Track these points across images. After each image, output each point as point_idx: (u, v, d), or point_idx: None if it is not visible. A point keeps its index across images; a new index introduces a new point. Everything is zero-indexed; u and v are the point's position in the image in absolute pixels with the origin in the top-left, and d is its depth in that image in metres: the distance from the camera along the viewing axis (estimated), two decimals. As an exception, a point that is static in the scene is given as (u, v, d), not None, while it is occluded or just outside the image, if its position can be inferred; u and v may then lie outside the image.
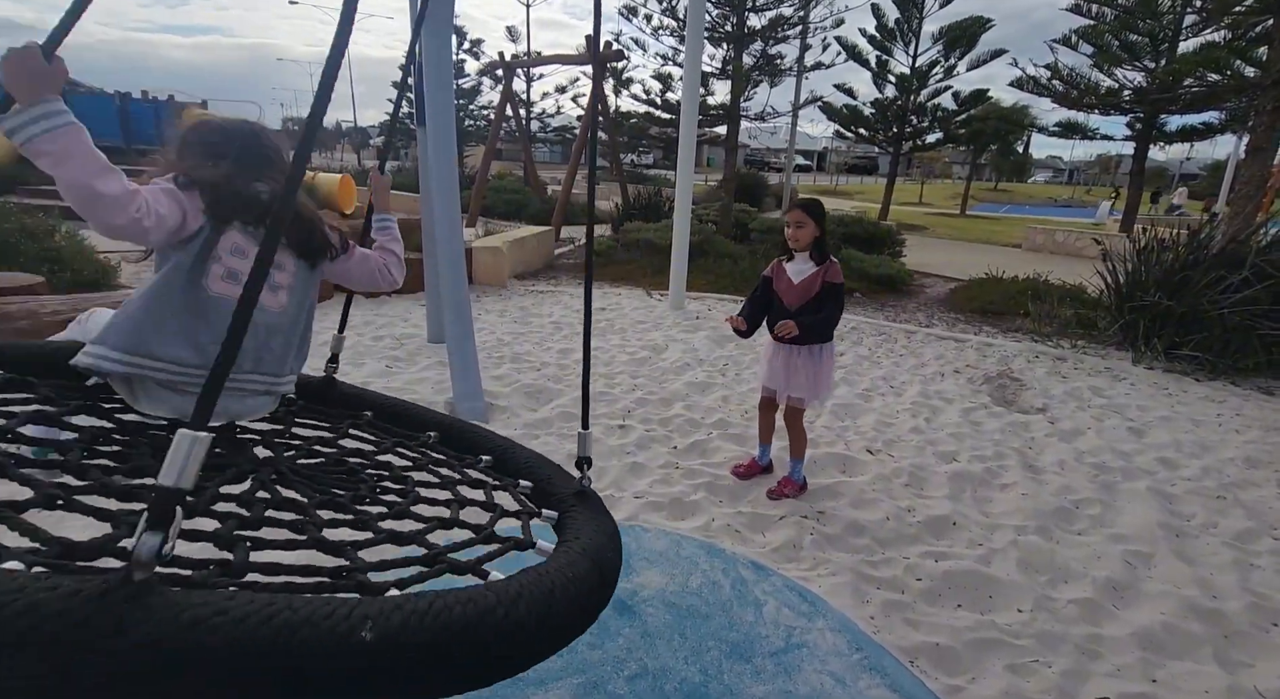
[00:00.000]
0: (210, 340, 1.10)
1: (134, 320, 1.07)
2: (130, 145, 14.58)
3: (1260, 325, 4.96)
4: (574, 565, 0.87)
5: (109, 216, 0.97)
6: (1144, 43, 13.43)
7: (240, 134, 1.23)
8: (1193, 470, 3.26)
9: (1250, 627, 2.09)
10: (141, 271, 6.84)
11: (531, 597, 0.76)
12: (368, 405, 1.49)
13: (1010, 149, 26.45)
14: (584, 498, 1.17)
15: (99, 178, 0.95)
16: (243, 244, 1.14)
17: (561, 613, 0.78)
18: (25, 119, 0.91)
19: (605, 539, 1.01)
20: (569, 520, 1.09)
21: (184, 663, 0.53)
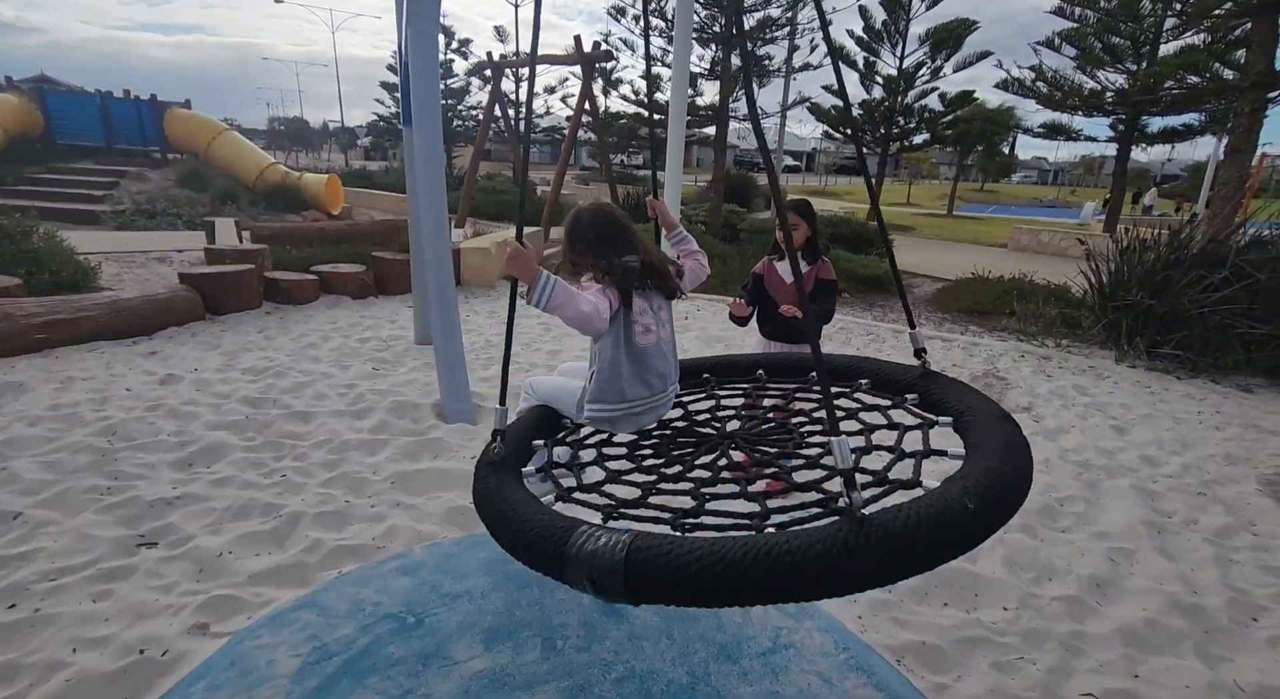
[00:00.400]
0: (653, 376, 1.61)
1: (610, 381, 1.59)
2: (112, 145, 14.34)
3: (1239, 324, 5.04)
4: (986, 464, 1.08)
5: (593, 328, 1.50)
6: (1126, 45, 13.63)
7: (607, 225, 1.65)
8: (1174, 467, 3.30)
9: (1230, 622, 2.12)
10: (121, 273, 6.73)
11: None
12: (702, 369, 1.93)
13: (996, 150, 26.72)
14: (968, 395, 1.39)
15: (582, 306, 1.46)
16: (642, 305, 1.62)
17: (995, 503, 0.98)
18: (536, 293, 1.41)
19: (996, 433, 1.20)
20: (965, 424, 1.30)
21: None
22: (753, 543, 0.92)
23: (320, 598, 1.66)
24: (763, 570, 0.88)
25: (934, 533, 0.90)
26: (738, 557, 0.90)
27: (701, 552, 0.92)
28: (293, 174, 13.98)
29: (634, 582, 0.94)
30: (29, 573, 2.02)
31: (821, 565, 0.88)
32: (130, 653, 1.73)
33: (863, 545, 0.88)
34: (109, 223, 10.79)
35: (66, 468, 2.66)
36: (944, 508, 0.92)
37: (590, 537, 1.00)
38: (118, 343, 4.38)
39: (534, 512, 1.16)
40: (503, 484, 1.31)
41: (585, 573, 0.98)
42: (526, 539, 1.11)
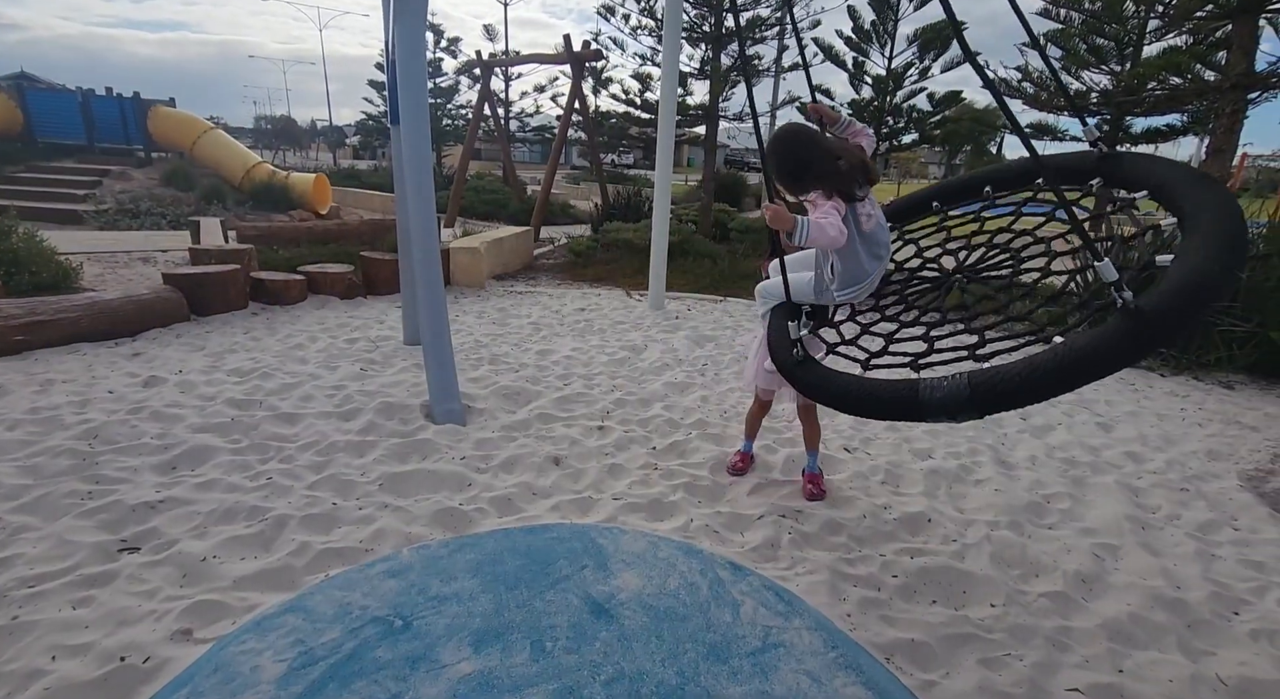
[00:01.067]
0: (881, 248, 2.05)
1: (854, 266, 2.00)
2: (95, 144, 14.13)
3: (1221, 322, 5.12)
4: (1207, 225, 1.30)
5: (840, 243, 1.90)
6: (1110, 47, 13.79)
7: (805, 145, 1.96)
8: (1158, 464, 3.34)
9: (1212, 616, 2.14)
10: (104, 273, 6.63)
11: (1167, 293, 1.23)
12: (986, 181, 2.12)
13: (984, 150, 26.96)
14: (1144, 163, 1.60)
15: (829, 232, 1.85)
16: (861, 202, 2.01)
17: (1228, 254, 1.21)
18: (799, 235, 1.84)
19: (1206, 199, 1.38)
20: (1186, 225, 1.41)
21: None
22: (1060, 353, 1.20)
23: (306, 602, 1.64)
24: (1074, 370, 1.17)
25: (1190, 301, 1.14)
26: (1052, 367, 1.19)
27: (1022, 370, 1.21)
28: (280, 173, 13.85)
29: (982, 406, 1.28)
30: (7, 579, 1.99)
31: (1114, 356, 1.17)
32: (111, 660, 1.70)
33: (1143, 331, 1.15)
34: (91, 222, 10.64)
35: (46, 472, 2.61)
36: (1188, 280, 1.17)
37: (934, 387, 1.33)
38: (99, 344, 4.32)
39: (871, 383, 1.47)
40: (824, 372, 1.65)
41: (944, 409, 1.32)
42: (878, 401, 1.43)
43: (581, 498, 2.72)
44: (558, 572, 1.79)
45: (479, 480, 2.82)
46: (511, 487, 2.77)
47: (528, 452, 3.09)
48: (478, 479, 2.83)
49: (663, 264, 6.53)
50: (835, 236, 1.84)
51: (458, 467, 2.90)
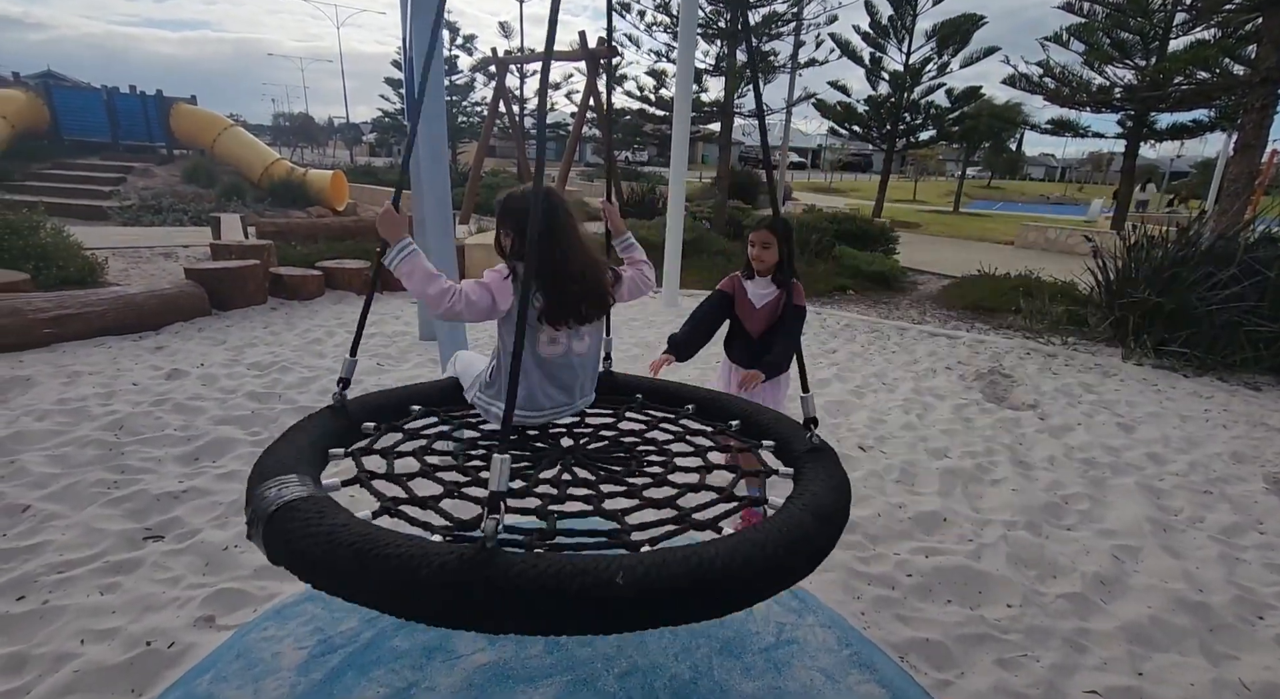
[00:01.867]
0: (553, 388, 1.55)
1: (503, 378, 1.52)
2: (118, 141, 14.39)
3: (1247, 322, 5.01)
4: (792, 519, 1.05)
5: (437, 312, 1.42)
6: (1135, 41, 13.50)
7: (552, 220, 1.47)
8: (1180, 466, 3.28)
9: (1235, 620, 2.11)
10: (128, 268, 6.77)
11: (749, 547, 0.95)
12: (638, 389, 1.82)
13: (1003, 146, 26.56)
14: (817, 453, 1.34)
15: (429, 287, 1.40)
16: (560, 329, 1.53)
17: (777, 558, 0.96)
18: (392, 254, 1.41)
19: (830, 493, 1.18)
20: (802, 475, 1.27)
21: (509, 596, 0.84)
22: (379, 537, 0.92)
23: (325, 591, 1.67)
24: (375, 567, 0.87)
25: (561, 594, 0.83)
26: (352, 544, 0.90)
27: (325, 530, 0.94)
28: (298, 170, 14.02)
29: (268, 541, 0.98)
30: (37, 565, 2.04)
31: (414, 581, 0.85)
32: (137, 645, 1.74)
33: (472, 576, 0.84)
34: (115, 218, 10.85)
35: (74, 461, 2.68)
36: (587, 570, 0.85)
37: (276, 486, 1.05)
38: (124, 338, 4.41)
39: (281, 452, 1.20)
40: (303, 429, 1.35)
41: (248, 515, 1.03)
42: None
43: (595, 493, 2.73)
44: (572, 565, 1.79)
45: (493, 475, 2.84)
46: (525, 481, 2.79)
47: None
48: (492, 473, 2.85)
49: (677, 261, 6.52)
50: (431, 294, 1.38)
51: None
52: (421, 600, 0.87)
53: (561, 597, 0.83)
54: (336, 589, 0.92)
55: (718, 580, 0.89)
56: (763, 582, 0.97)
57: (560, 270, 1.44)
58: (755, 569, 0.94)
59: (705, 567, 0.89)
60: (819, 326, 5.94)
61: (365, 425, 1.47)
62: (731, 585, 0.91)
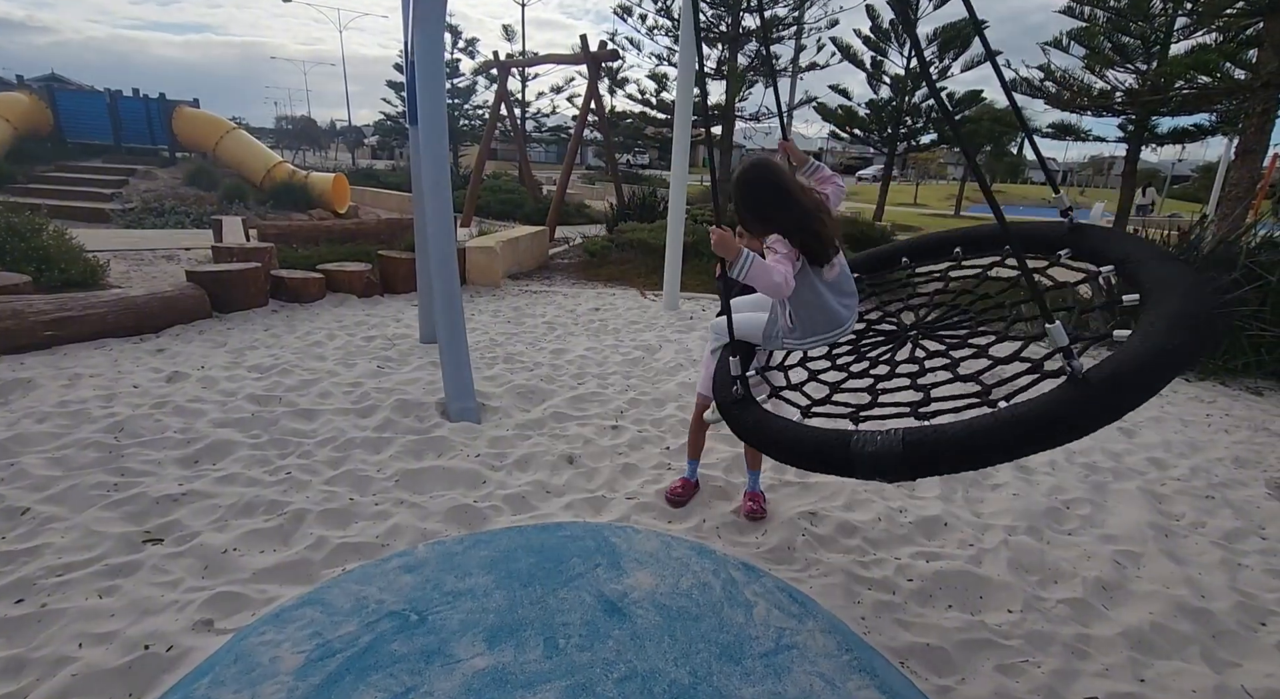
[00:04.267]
0: (847, 298, 1.91)
1: (818, 313, 1.88)
2: (121, 144, 14.44)
3: (1249, 326, 5.00)
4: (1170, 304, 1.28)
5: (782, 294, 1.74)
6: (1136, 45, 13.52)
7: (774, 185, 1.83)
8: (1182, 470, 3.27)
9: (1238, 626, 2.10)
10: (129, 270, 6.78)
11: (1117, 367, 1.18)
12: (956, 243, 2.04)
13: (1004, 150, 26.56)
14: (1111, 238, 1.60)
15: (774, 277, 1.68)
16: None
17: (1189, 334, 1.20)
18: (740, 265, 1.67)
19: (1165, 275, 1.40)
20: (1147, 301, 1.42)
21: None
22: (1003, 417, 1.14)
23: (324, 595, 1.67)
24: (1016, 436, 1.10)
25: (1140, 375, 1.12)
26: (993, 430, 1.13)
27: (959, 433, 1.15)
28: (300, 173, 14.06)
29: (914, 466, 1.20)
30: (36, 568, 2.04)
31: (1059, 424, 1.10)
32: (135, 648, 1.74)
33: (1090, 401, 1.10)
34: (117, 221, 10.87)
35: (74, 464, 2.68)
36: (1141, 354, 1.14)
37: (868, 440, 1.26)
38: (125, 340, 4.42)
39: (805, 431, 1.41)
40: (760, 416, 1.57)
41: (875, 466, 1.24)
42: (809, 451, 1.37)
43: (595, 497, 2.73)
44: (571, 569, 1.80)
45: (493, 478, 2.84)
46: (525, 485, 2.79)
47: (542, 450, 3.10)
48: (492, 476, 2.85)
49: (677, 264, 6.52)
50: (778, 283, 1.68)
51: (472, 464, 2.92)
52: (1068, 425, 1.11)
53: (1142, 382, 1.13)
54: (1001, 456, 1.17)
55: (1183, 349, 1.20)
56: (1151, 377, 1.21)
57: (812, 220, 1.78)
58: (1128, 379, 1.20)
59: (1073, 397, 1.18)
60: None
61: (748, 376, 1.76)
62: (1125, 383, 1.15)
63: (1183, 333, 1.17)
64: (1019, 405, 1.17)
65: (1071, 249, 1.65)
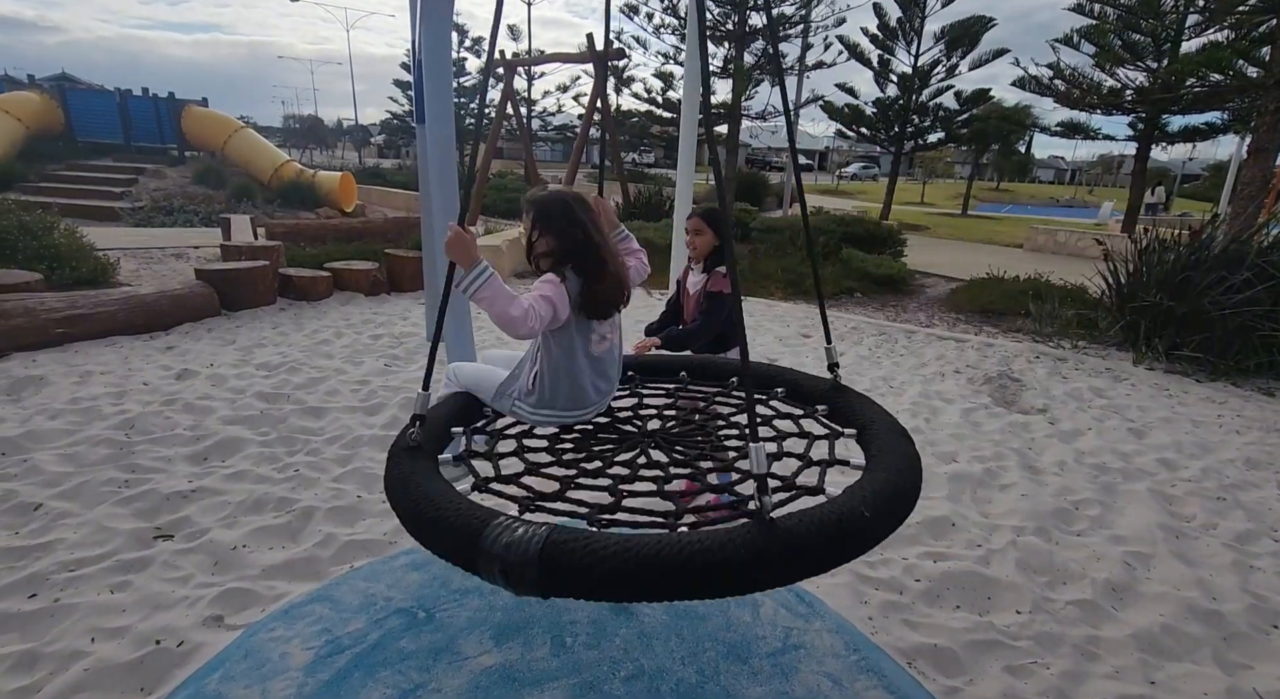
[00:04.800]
0: (603, 381, 1.61)
1: (563, 385, 1.55)
2: (131, 143, 14.55)
3: (1261, 326, 4.95)
4: (883, 475, 1.15)
5: (518, 333, 1.40)
6: (1146, 43, 13.40)
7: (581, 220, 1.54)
8: (1193, 471, 3.25)
9: (1250, 628, 2.08)
10: (139, 269, 6.83)
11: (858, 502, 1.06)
12: (682, 367, 1.87)
13: (1012, 149, 26.40)
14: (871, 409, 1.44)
15: (512, 310, 1.38)
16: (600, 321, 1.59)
17: (887, 512, 1.07)
18: (469, 280, 1.36)
19: (902, 444, 1.27)
20: (868, 437, 1.35)
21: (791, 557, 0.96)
22: (666, 541, 0.95)
23: (332, 592, 1.68)
24: (674, 568, 0.92)
25: (834, 538, 0.98)
26: (651, 553, 0.93)
27: (616, 547, 0.94)
28: (307, 172, 14.12)
29: (547, 575, 0.95)
30: (49, 563, 2.06)
31: (729, 565, 0.91)
32: (147, 643, 1.75)
33: (769, 547, 0.93)
34: (127, 219, 10.95)
35: (85, 460, 2.70)
36: (843, 515, 1.00)
37: (506, 529, 1.00)
38: (135, 338, 4.45)
39: (450, 501, 1.11)
40: (418, 472, 1.25)
41: (498, 565, 0.97)
42: (440, 529, 1.08)
43: (601, 495, 2.73)
44: (579, 568, 1.78)
45: (500, 476, 2.84)
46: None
47: (548, 448, 3.11)
48: (499, 475, 2.85)
49: (684, 262, 6.51)
50: (514, 316, 1.36)
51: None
52: (738, 577, 0.94)
53: (834, 538, 0.97)
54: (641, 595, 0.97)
55: (906, 493, 1.11)
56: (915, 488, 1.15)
57: (604, 268, 1.51)
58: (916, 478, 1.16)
59: (898, 487, 1.11)
60: (826, 329, 5.92)
61: (440, 457, 1.40)
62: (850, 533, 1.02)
63: (886, 506, 1.05)
64: (693, 534, 0.98)
65: (828, 407, 1.52)
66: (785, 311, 6.55)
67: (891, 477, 1.13)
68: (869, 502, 1.04)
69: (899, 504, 1.10)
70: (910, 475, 1.17)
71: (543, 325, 1.43)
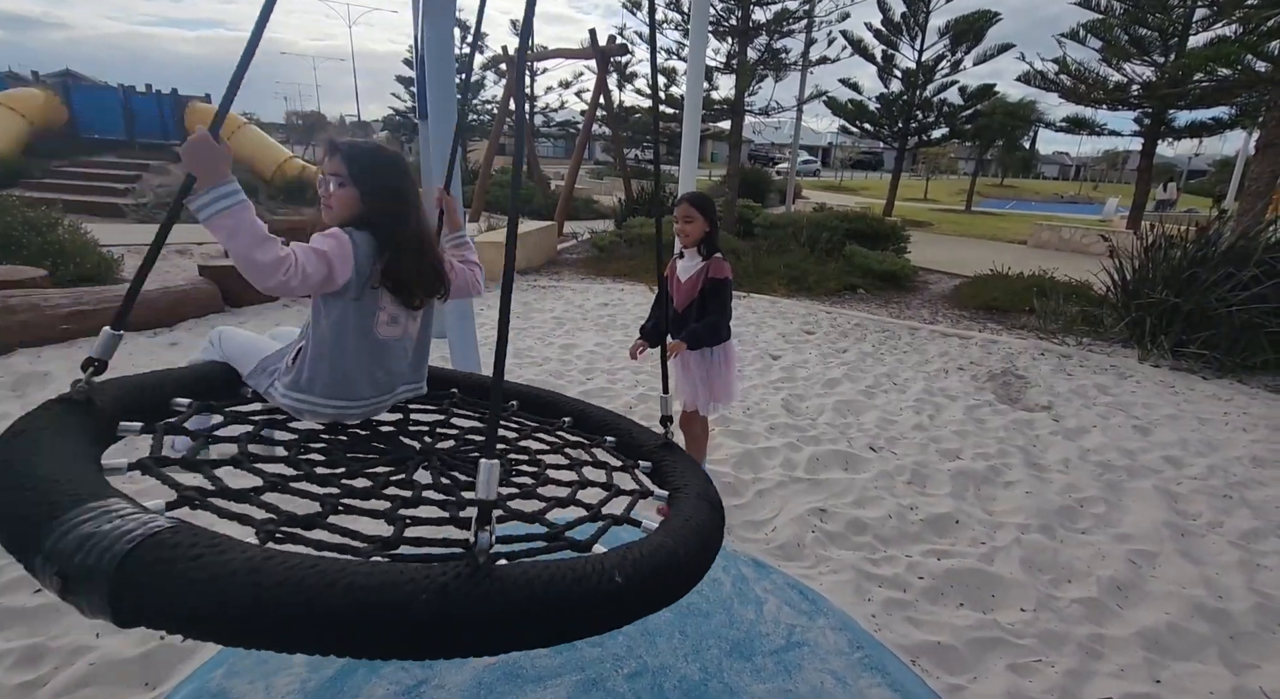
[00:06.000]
0: (382, 373, 1.38)
1: (330, 369, 1.31)
2: (135, 139, 14.57)
3: (1268, 323, 4.92)
4: (661, 540, 0.96)
5: (266, 282, 1.14)
6: (1153, 37, 13.29)
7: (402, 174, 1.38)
8: (1199, 469, 3.23)
9: (1256, 627, 2.07)
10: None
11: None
12: (514, 396, 1.65)
13: (1017, 145, 26.25)
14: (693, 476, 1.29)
15: (263, 253, 1.11)
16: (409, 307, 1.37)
17: (654, 583, 0.87)
18: (208, 199, 1.08)
19: (703, 516, 1.11)
20: (675, 500, 1.21)
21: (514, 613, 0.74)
22: (326, 566, 0.70)
23: (336, 588, 1.68)
24: (323, 606, 0.66)
25: (564, 600, 0.75)
26: (292, 580, 0.67)
27: (235, 565, 0.67)
28: (310, 168, 14.12)
29: (121, 595, 0.66)
30: (54, 558, 2.07)
31: (404, 612, 0.68)
32: (152, 638, 1.76)
33: (470, 596, 0.70)
34: (131, 215, 10.98)
35: (90, 456, 2.71)
36: (586, 574, 0.78)
37: (102, 515, 0.70)
38: (139, 334, 4.46)
39: (42, 467, 0.79)
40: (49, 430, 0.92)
41: (56, 567, 0.67)
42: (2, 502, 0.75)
43: (604, 492, 2.73)
44: (582, 564, 1.78)
45: (503, 472, 2.84)
46: (535, 479, 2.79)
47: (551, 445, 3.11)
48: (501, 471, 2.85)
49: (686, 259, 6.50)
50: (263, 259, 1.10)
51: (482, 458, 2.93)
52: (412, 634, 0.69)
53: (565, 602, 0.75)
54: (264, 640, 0.67)
55: (682, 566, 0.92)
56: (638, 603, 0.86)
57: (414, 240, 1.31)
58: (706, 554, 1.00)
59: (673, 556, 0.91)
60: (829, 325, 5.90)
61: (123, 425, 1.13)
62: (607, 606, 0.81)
63: (646, 592, 0.85)
64: (379, 565, 0.75)
65: (653, 465, 1.37)
66: (787, 308, 6.54)
67: (670, 544, 0.93)
68: (627, 566, 0.83)
69: (668, 579, 0.88)
70: (694, 549, 0.97)
71: (304, 284, 1.16)
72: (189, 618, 0.67)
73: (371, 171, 1.30)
